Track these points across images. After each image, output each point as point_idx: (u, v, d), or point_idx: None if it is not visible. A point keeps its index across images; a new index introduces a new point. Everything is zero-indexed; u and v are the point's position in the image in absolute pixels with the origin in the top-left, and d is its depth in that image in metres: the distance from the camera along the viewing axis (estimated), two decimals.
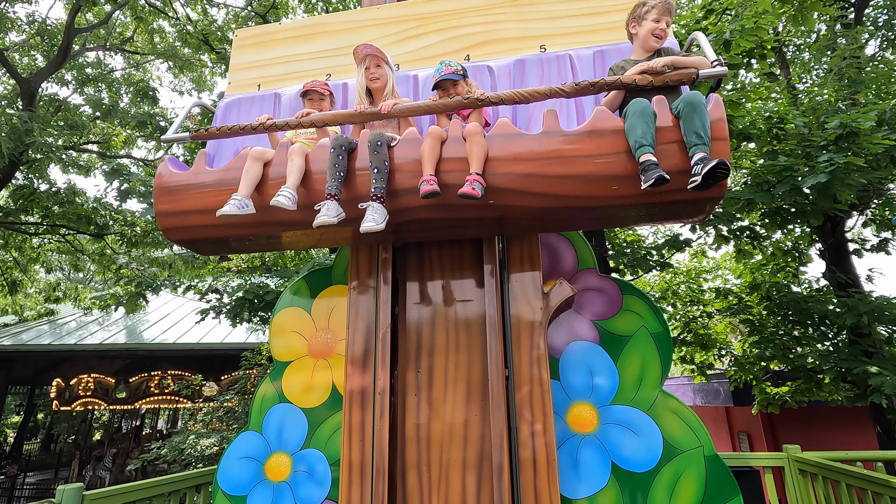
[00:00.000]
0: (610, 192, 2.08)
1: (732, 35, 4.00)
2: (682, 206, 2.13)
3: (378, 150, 2.19)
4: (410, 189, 2.20)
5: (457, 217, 2.30)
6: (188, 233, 2.51)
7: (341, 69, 3.06)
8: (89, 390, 13.14)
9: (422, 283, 2.76)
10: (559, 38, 2.81)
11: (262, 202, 2.26)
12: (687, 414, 2.50)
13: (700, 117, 1.93)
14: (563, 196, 2.12)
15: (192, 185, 2.44)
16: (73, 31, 8.79)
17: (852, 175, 4.30)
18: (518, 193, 2.15)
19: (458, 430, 2.49)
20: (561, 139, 2.12)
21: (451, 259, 2.75)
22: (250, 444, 2.84)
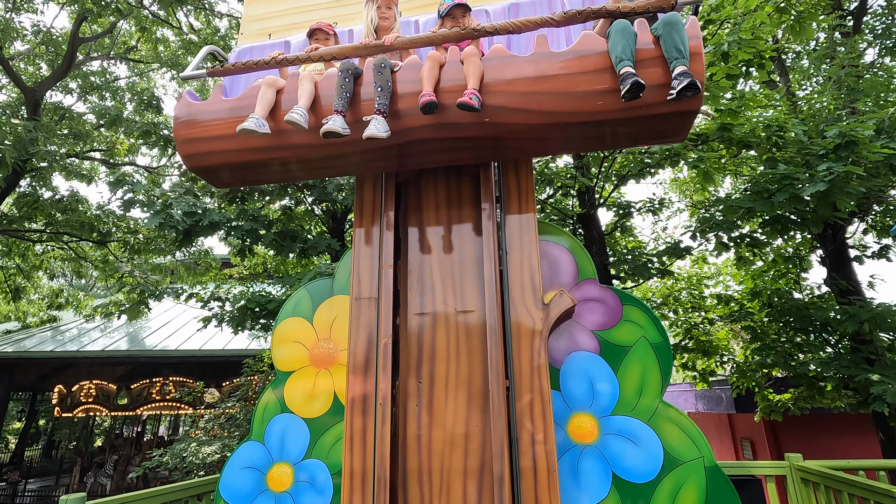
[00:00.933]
0: (596, 107, 2.24)
1: (731, 47, 4.05)
2: (663, 120, 2.28)
3: (381, 72, 2.37)
4: (412, 110, 2.34)
5: (456, 136, 2.45)
6: (206, 159, 2.64)
7: (347, 17, 3.29)
8: (91, 397, 13.15)
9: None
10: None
11: (276, 126, 2.44)
12: (687, 424, 2.51)
13: (678, 34, 2.13)
14: (554, 112, 2.28)
15: (210, 113, 2.61)
16: (78, 41, 8.88)
17: (851, 183, 4.33)
18: (512, 111, 2.30)
19: (458, 438, 2.51)
20: (550, 59, 2.29)
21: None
22: (252, 453, 2.85)
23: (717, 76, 4.20)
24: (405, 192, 3.03)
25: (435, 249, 2.87)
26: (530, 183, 2.76)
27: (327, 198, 6.64)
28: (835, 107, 5.75)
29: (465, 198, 2.91)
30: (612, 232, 8.00)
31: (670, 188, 12.02)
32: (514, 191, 2.76)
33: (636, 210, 7.54)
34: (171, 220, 5.02)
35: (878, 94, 5.72)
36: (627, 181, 6.69)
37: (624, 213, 7.56)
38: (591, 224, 6.70)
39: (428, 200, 2.96)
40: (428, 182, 2.99)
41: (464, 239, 2.84)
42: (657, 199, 7.48)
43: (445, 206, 2.92)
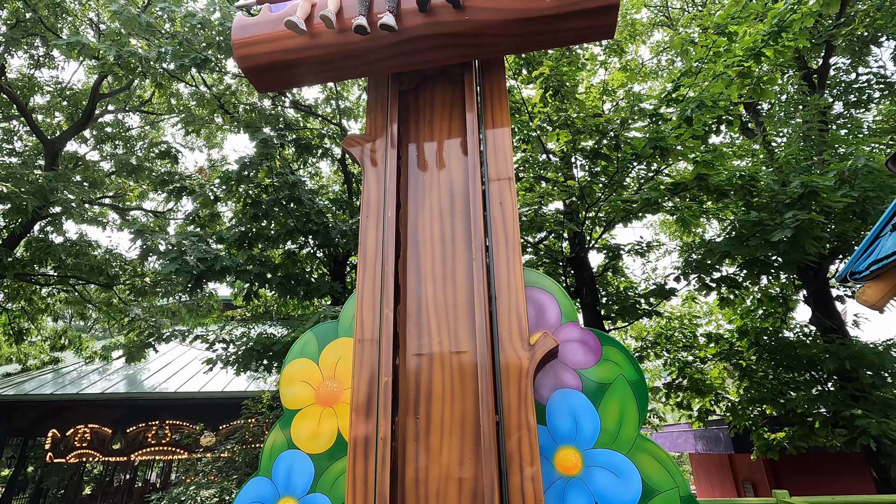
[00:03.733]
0: (542, 4, 2.95)
1: (693, 113, 4.50)
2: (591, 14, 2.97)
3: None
4: (412, 12, 3.05)
5: (445, 32, 3.09)
6: (256, 59, 3.32)
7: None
8: (85, 441, 12.99)
9: None
10: None
11: (311, 30, 3.17)
12: (663, 456, 2.72)
13: None
14: (514, 9, 2.99)
15: (259, 25, 3.32)
16: (98, 97, 9.48)
17: (816, 230, 4.67)
18: (485, 10, 3.02)
19: (453, 475, 2.70)
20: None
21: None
22: (260, 489, 3.03)
23: (685, 136, 4.64)
24: (402, 239, 3.35)
25: (431, 293, 3.15)
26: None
27: (330, 242, 6.97)
28: (803, 157, 6.19)
29: (458, 236, 3.24)
30: (603, 273, 8.31)
31: (660, 230, 12.44)
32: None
33: (625, 252, 7.87)
34: (186, 266, 5.33)
35: (842, 143, 6.17)
36: (615, 226, 7.06)
37: (614, 255, 7.89)
38: (581, 266, 7.02)
39: (424, 239, 3.27)
40: (424, 222, 3.32)
41: (457, 276, 3.13)
42: (645, 242, 7.82)
43: (440, 241, 3.27)
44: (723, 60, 4.75)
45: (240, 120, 7.66)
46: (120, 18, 5.72)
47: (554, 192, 6.45)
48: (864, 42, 7.47)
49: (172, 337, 6.51)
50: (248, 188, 6.89)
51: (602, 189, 6.23)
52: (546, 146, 7.14)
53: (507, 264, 3.03)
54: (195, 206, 8.08)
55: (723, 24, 4.85)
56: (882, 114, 8.00)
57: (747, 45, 4.68)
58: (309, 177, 10.16)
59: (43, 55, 10.42)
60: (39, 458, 16.20)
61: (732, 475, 11.84)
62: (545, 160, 7.18)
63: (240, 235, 6.48)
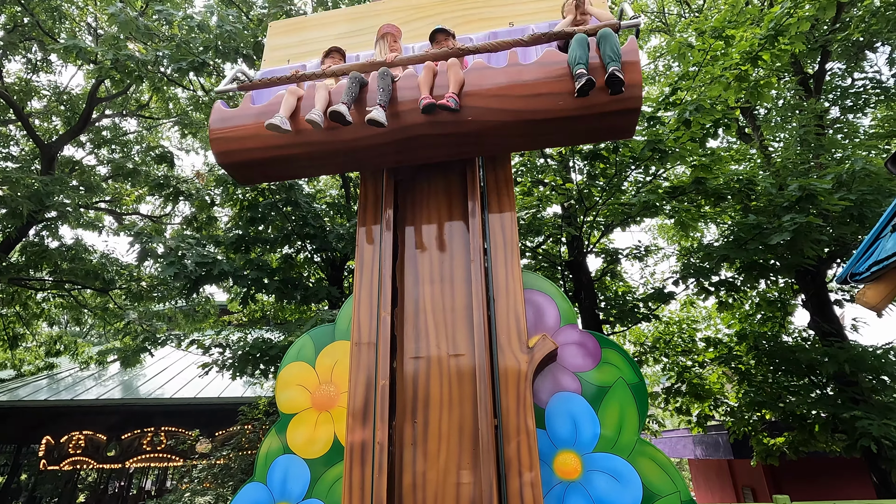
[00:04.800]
0: (557, 106, 2.74)
1: (692, 115, 4.51)
2: (610, 117, 2.78)
3: (384, 77, 2.87)
4: (410, 111, 2.85)
5: (444, 132, 2.89)
6: (236, 155, 3.10)
7: (354, 46, 3.87)
8: (79, 448, 12.84)
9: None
10: (523, 17, 3.68)
11: (296, 126, 2.94)
12: (663, 460, 2.69)
13: (610, 43, 2.65)
14: (523, 111, 2.78)
15: (240, 117, 3.09)
16: (95, 101, 9.46)
17: (813, 233, 4.67)
18: (490, 111, 2.81)
19: (451, 480, 2.66)
20: (519, 69, 2.83)
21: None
22: (255, 494, 2.98)
23: (683, 139, 4.65)
24: (400, 241, 3.33)
25: (429, 296, 3.13)
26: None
27: (327, 246, 6.94)
28: (800, 161, 6.20)
29: (455, 247, 3.20)
30: (601, 277, 8.29)
31: (658, 234, 12.45)
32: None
33: (623, 256, 7.86)
34: (184, 270, 5.29)
35: (838, 148, 6.19)
36: (613, 230, 7.05)
37: (612, 260, 7.88)
38: (579, 270, 7.00)
39: (422, 250, 3.25)
40: (420, 230, 3.30)
41: (455, 279, 3.11)
42: (643, 246, 7.82)
43: (438, 250, 3.23)
44: (720, 64, 4.77)
45: None
46: (117, 21, 5.73)
47: (552, 196, 6.45)
48: (860, 47, 7.52)
49: (168, 341, 6.46)
50: (245, 192, 6.87)
51: (600, 192, 6.23)
52: (544, 149, 7.15)
53: (505, 266, 3.01)
54: (192, 210, 8.04)
55: (720, 27, 4.87)
56: (878, 118, 8.04)
57: (744, 48, 4.69)
58: (306, 181, 10.14)
59: (41, 60, 10.41)
60: (33, 465, 16.02)
61: (732, 481, 11.77)
62: (543, 164, 7.18)
63: (237, 239, 6.45)
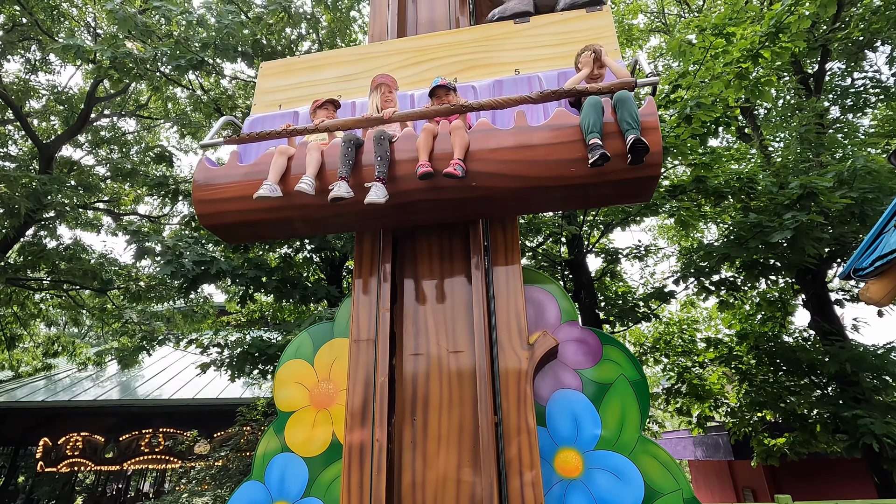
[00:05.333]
0: (568, 172, 2.55)
1: (693, 112, 4.50)
2: (627, 184, 2.59)
3: (381, 143, 2.68)
4: (409, 175, 2.66)
5: (447, 198, 2.72)
6: (222, 217, 2.91)
7: (350, 91, 3.62)
8: (77, 450, 12.78)
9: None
10: (530, 63, 3.41)
11: (287, 189, 2.73)
12: (665, 458, 2.66)
13: (628, 108, 2.46)
14: (532, 177, 2.59)
15: (226, 177, 2.90)
16: (94, 101, 9.43)
17: (815, 231, 4.65)
18: (496, 176, 2.62)
19: (451, 480, 2.63)
20: (528, 132, 2.63)
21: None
22: (253, 493, 2.95)
23: (684, 136, 4.63)
24: (401, 245, 3.29)
25: (429, 295, 3.10)
26: (515, 238, 3.03)
27: (326, 246, 6.91)
28: (801, 160, 6.19)
29: (456, 251, 3.16)
30: (601, 277, 8.27)
31: (658, 234, 12.43)
32: (500, 245, 3.02)
33: (623, 256, 7.84)
34: (182, 268, 5.26)
35: (836, 148, 6.18)
36: (613, 229, 7.03)
37: (612, 259, 7.86)
38: (579, 270, 6.97)
39: (422, 252, 3.21)
40: (422, 236, 3.25)
41: (455, 286, 3.08)
42: (643, 246, 7.80)
43: (439, 257, 3.17)
44: (720, 61, 4.75)
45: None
46: (116, 18, 5.70)
47: None
48: (860, 46, 7.51)
49: (167, 341, 6.41)
50: None
51: None
52: None
53: (505, 267, 2.97)
54: (191, 210, 8.01)
55: (721, 25, 4.86)
56: (878, 118, 8.03)
57: (745, 46, 4.68)
58: None
59: (39, 59, 10.39)
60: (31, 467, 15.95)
61: (732, 482, 11.73)
62: None
63: None
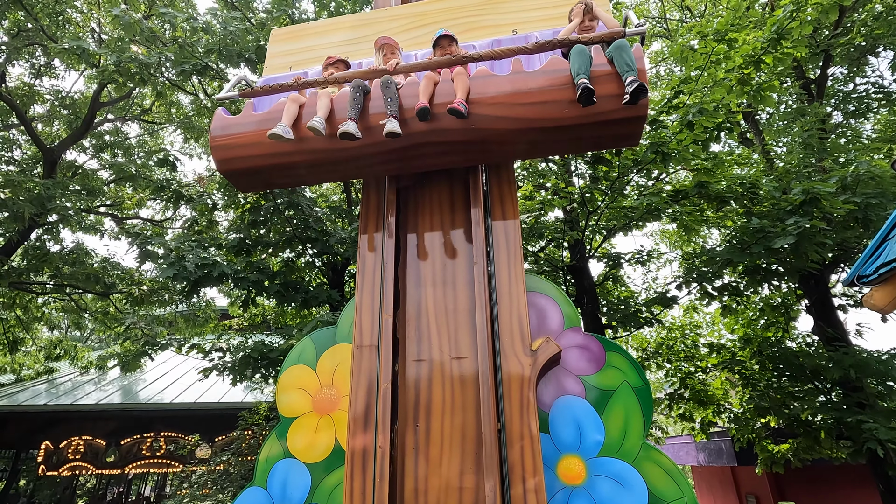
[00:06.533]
0: (562, 113, 2.70)
1: (695, 117, 4.50)
2: (617, 124, 2.74)
3: (388, 86, 2.83)
4: (413, 119, 2.80)
5: (448, 140, 2.86)
6: (237, 163, 3.05)
7: (356, 53, 3.83)
8: (79, 453, 12.77)
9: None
10: (526, 24, 3.59)
11: (299, 134, 2.87)
12: (669, 465, 2.65)
13: (626, 54, 2.65)
14: (528, 119, 2.74)
15: (241, 125, 3.05)
16: (98, 105, 9.48)
17: (818, 236, 4.64)
18: (494, 119, 2.76)
19: (454, 487, 2.62)
20: (524, 76, 2.80)
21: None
22: (255, 499, 2.94)
23: (686, 141, 4.64)
24: (402, 246, 3.30)
25: (432, 299, 3.10)
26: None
27: (328, 250, 6.92)
28: (804, 165, 6.18)
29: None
30: (603, 282, 8.25)
31: (660, 239, 12.41)
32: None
33: (626, 261, 7.83)
34: (184, 271, 5.28)
35: (841, 152, 6.18)
36: (615, 234, 7.03)
37: (614, 264, 7.85)
38: (582, 275, 6.97)
39: (424, 253, 3.23)
40: (422, 235, 3.27)
41: (458, 288, 3.08)
42: (646, 251, 7.79)
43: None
44: (723, 67, 4.76)
45: None
46: (121, 24, 5.74)
47: (554, 200, 6.42)
48: (862, 52, 7.52)
49: (169, 345, 6.42)
50: (248, 194, 6.86)
51: (602, 196, 6.21)
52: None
53: (508, 268, 2.98)
54: (193, 214, 8.04)
55: (723, 30, 4.87)
56: (880, 123, 8.03)
57: (747, 52, 4.69)
58: None
59: (44, 64, 10.46)
60: (32, 470, 15.93)
61: (735, 488, 11.67)
62: (545, 168, 7.17)
63: (238, 242, 6.43)
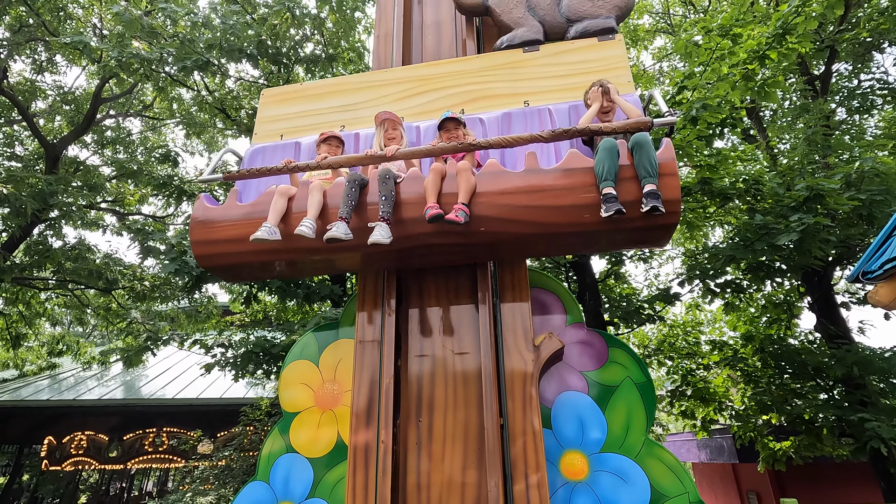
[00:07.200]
0: (582, 219, 2.42)
1: (699, 112, 4.48)
2: (642, 231, 2.46)
3: (386, 182, 2.56)
4: (414, 218, 2.55)
5: (453, 242, 2.61)
6: (220, 259, 2.82)
7: (354, 122, 3.49)
8: (81, 449, 12.83)
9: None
10: (539, 94, 3.27)
11: (287, 231, 2.62)
12: (672, 461, 2.65)
13: (646, 154, 2.32)
14: (543, 223, 2.46)
15: (225, 218, 2.80)
16: (100, 101, 9.48)
17: (821, 233, 4.62)
18: (505, 221, 2.50)
19: (456, 483, 2.61)
20: (540, 175, 2.50)
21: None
22: (257, 494, 2.95)
23: (690, 137, 4.62)
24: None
25: (435, 297, 3.09)
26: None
27: None
28: (807, 162, 6.15)
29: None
30: (605, 279, 8.24)
31: None
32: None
33: (628, 258, 7.81)
34: (186, 266, 5.28)
35: (845, 149, 6.15)
36: None
37: (616, 261, 7.83)
38: (583, 271, 6.95)
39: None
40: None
41: (460, 289, 3.07)
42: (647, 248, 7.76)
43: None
44: (727, 62, 4.73)
45: (240, 124, 7.65)
46: (122, 20, 5.73)
47: None
48: (867, 48, 7.47)
49: (171, 340, 6.42)
50: None
51: None
52: None
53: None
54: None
55: (727, 25, 4.84)
56: (885, 120, 7.98)
57: (751, 47, 4.66)
58: None
59: (45, 60, 10.45)
60: (35, 466, 16.01)
61: (737, 485, 11.67)
62: None
63: None
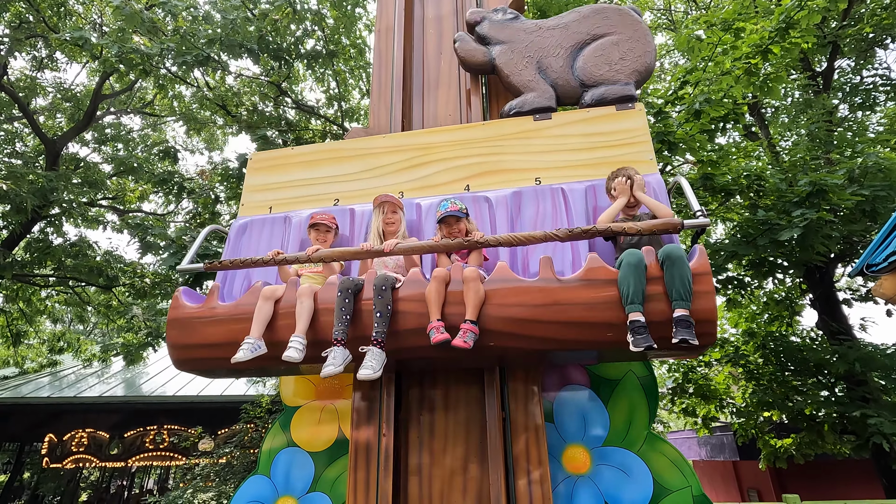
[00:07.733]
0: (605, 337, 2.13)
1: (702, 106, 4.47)
2: (672, 352, 2.22)
3: (382, 295, 2.25)
4: (414, 329, 2.25)
5: (459, 357, 2.35)
6: (200, 364, 2.59)
7: (348, 195, 3.18)
8: (82, 446, 12.84)
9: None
10: (552, 171, 2.91)
11: (273, 338, 2.35)
12: (675, 455, 2.63)
13: (679, 272, 2.04)
14: (560, 340, 2.17)
15: (204, 319, 2.52)
16: (100, 98, 9.47)
17: (824, 229, 4.60)
18: (516, 336, 2.20)
19: (457, 478, 2.60)
20: (557, 287, 2.19)
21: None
22: (258, 487, 2.94)
23: (693, 131, 4.60)
24: None
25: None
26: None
27: None
28: (810, 158, 6.14)
29: None
30: None
31: None
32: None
33: None
34: None
35: (848, 145, 6.13)
36: None
37: None
38: None
39: None
40: None
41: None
42: None
43: None
44: (729, 56, 4.72)
45: (241, 121, 7.64)
46: (122, 15, 5.71)
47: None
48: (870, 44, 7.44)
49: None
50: None
51: None
52: None
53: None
54: (195, 206, 8.04)
55: (730, 20, 4.82)
56: (888, 116, 7.96)
57: (754, 41, 4.64)
58: None
59: (46, 56, 10.44)
60: (36, 463, 16.03)
61: (737, 483, 11.68)
62: None
63: None
